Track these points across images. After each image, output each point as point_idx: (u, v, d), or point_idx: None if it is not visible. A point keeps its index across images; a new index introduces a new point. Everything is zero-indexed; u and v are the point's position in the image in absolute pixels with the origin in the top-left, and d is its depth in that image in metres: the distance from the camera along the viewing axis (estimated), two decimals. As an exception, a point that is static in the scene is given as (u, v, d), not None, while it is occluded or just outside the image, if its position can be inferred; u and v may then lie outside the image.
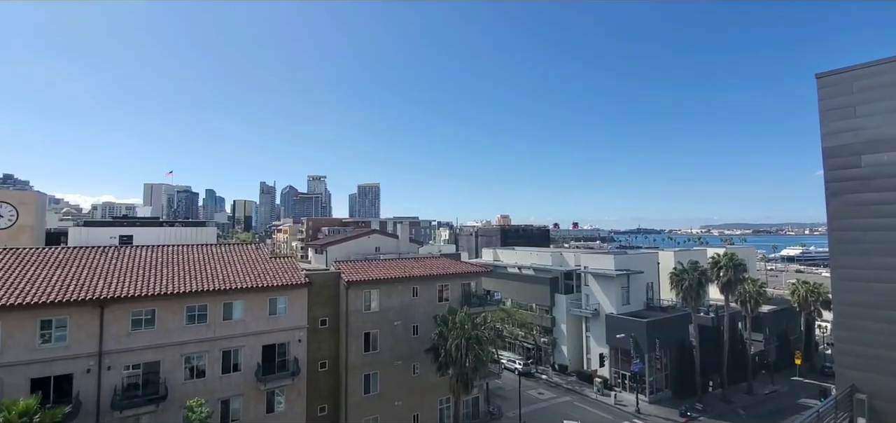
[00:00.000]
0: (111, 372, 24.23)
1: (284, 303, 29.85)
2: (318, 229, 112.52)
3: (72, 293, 23.86)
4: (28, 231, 39.15)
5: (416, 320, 35.53)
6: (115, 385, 24.18)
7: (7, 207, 38.97)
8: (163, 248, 31.85)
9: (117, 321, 24.68)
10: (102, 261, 28.06)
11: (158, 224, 74.44)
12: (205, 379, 26.60)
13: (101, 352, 24.06)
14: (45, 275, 25.19)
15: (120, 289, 25.17)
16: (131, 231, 52.33)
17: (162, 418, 24.98)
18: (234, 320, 27.94)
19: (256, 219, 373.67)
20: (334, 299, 33.01)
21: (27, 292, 23.26)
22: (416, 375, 35.15)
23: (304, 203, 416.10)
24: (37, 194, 47.14)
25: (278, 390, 29.07)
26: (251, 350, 28.31)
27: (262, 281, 29.22)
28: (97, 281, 25.48)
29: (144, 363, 25.33)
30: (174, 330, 26.05)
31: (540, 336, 58.27)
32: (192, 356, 26.55)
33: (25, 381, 22.17)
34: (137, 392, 24.80)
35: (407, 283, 35.31)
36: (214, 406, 25.72)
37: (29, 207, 40.50)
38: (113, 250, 30.42)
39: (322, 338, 32.14)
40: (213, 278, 28.35)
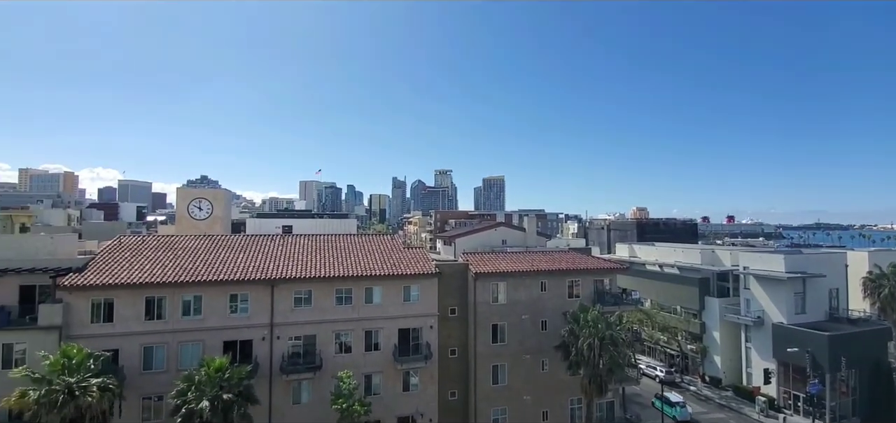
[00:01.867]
0: (279, 341, 28.72)
1: (417, 291, 31.81)
2: (446, 221, 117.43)
3: (251, 273, 28.82)
4: (219, 222, 48.54)
5: (545, 315, 34.74)
6: (282, 353, 28.62)
7: (206, 202, 48.87)
8: (316, 237, 36.50)
9: (284, 299, 29.09)
10: (271, 247, 33.26)
11: (311, 216, 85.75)
12: (351, 355, 29.87)
13: (272, 324, 28.67)
14: (232, 257, 30.86)
15: (286, 271, 29.59)
16: (291, 222, 61.24)
17: (318, 384, 28.83)
18: (374, 304, 30.78)
19: (389, 212, 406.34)
20: (463, 289, 34.05)
21: (221, 270, 28.79)
22: (545, 371, 34.44)
23: (432, 196, 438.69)
24: (225, 192, 57.98)
25: (412, 371, 31.22)
26: (389, 332, 30.86)
27: (398, 269, 31.54)
28: (268, 264, 30.32)
29: (304, 335, 29.44)
30: (327, 309, 29.74)
31: (686, 343, 52.21)
32: (341, 333, 30.02)
33: (219, 343, 27.50)
34: (299, 360, 28.95)
35: (535, 277, 34.70)
36: (360, 379, 28.66)
37: (220, 202, 50.18)
38: (279, 238, 35.89)
39: (452, 326, 33.45)
40: (357, 265, 31.55)
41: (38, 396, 20.52)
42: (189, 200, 48.58)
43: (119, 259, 28.82)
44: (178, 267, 28.44)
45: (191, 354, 26.82)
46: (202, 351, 26.66)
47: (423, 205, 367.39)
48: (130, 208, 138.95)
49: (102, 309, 26.10)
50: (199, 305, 27.65)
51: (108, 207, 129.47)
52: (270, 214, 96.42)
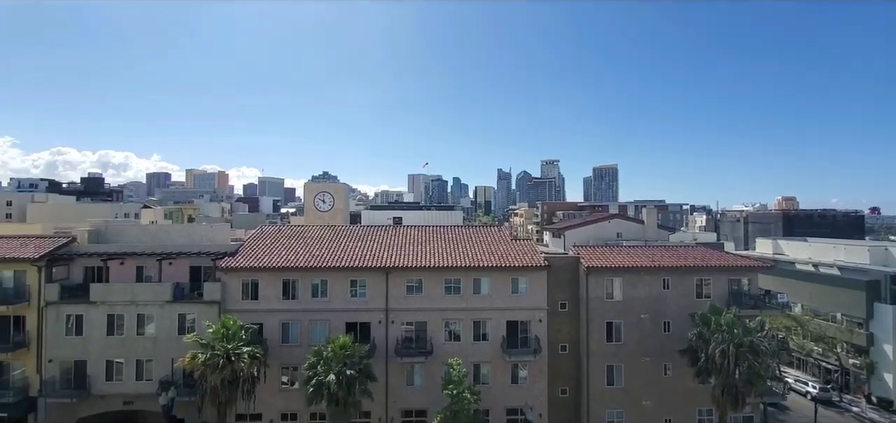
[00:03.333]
0: (394, 326, 30.66)
1: (525, 283, 31.43)
2: (553, 212, 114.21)
3: (368, 261, 31.16)
4: (340, 214, 53.33)
5: (668, 316, 31.86)
6: (397, 336, 30.52)
7: (328, 195, 54.06)
8: (425, 228, 38.09)
9: (397, 286, 30.94)
10: (385, 237, 35.52)
11: (419, 208, 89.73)
12: (460, 343, 30.69)
13: (387, 308, 30.71)
14: (351, 246, 33.66)
15: (398, 260, 31.42)
16: (401, 214, 64.87)
17: (429, 369, 30.23)
18: (481, 295, 31.17)
19: (494, 203, 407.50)
20: (573, 283, 32.78)
21: (342, 258, 31.61)
22: (667, 376, 31.68)
23: (538, 188, 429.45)
24: (344, 186, 63.35)
25: (521, 364, 31.03)
26: (496, 324, 31.03)
27: (505, 261, 31.48)
28: (383, 253, 32.46)
29: (416, 322, 31.02)
30: (436, 298, 30.93)
31: (848, 356, 43.89)
32: (450, 321, 31.01)
33: (342, 323, 30.25)
34: (412, 345, 30.61)
35: (655, 273, 31.97)
36: (469, 368, 29.32)
37: (340, 195, 55.07)
38: (391, 228, 38.19)
39: (562, 321, 32.44)
40: (465, 256, 32.21)
41: (204, 359, 24.71)
42: (314, 194, 54.08)
43: (261, 246, 33.26)
44: (307, 254, 31.91)
45: (319, 331, 29.97)
46: (328, 330, 29.64)
47: (529, 196, 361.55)
48: (268, 202, 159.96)
49: (250, 288, 30.41)
50: (325, 288, 30.74)
51: (251, 201, 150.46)
52: (382, 206, 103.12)
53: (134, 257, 30.93)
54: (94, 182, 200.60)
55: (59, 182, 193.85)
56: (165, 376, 28.71)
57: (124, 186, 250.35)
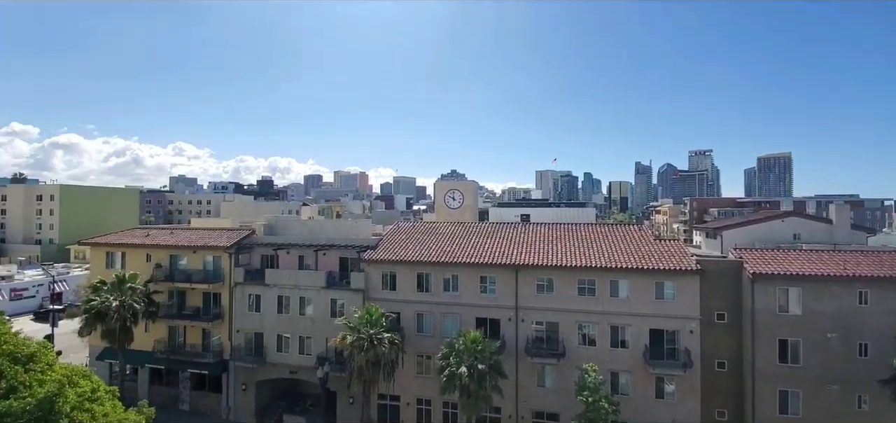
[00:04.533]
0: (524, 324, 30.50)
1: (672, 288, 28.51)
2: (705, 209, 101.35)
3: (497, 258, 31.50)
4: (469, 210, 54.98)
5: (865, 337, 25.91)
6: (527, 335, 30.32)
7: (458, 193, 56.14)
8: (556, 226, 37.03)
9: (527, 284, 30.71)
10: (514, 235, 35.48)
11: (547, 205, 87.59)
12: (595, 348, 29.19)
13: (516, 306, 30.69)
14: (481, 242, 34.40)
15: (528, 258, 31.15)
16: (528, 211, 64.05)
17: (561, 371, 29.40)
18: (619, 299, 29.17)
19: (631, 200, 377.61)
20: (734, 291, 28.65)
21: (472, 254, 32.51)
22: (862, 410, 25.84)
23: (685, 182, 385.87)
24: (472, 183, 65.11)
25: (668, 378, 28.26)
26: (637, 331, 28.75)
27: (647, 263, 28.96)
28: (512, 250, 32.49)
29: (547, 322, 30.40)
30: (569, 298, 29.88)
31: None
32: (584, 324, 29.68)
33: (473, 318, 31.09)
34: (542, 345, 30.10)
35: (848, 284, 26.22)
36: (605, 375, 27.72)
37: (469, 193, 56.80)
38: (520, 226, 38.00)
39: (718, 334, 28.64)
40: (600, 255, 30.50)
41: (352, 340, 27.70)
42: (445, 191, 56.59)
43: (398, 240, 36.00)
44: (439, 249, 33.57)
45: (451, 324, 31.32)
46: (459, 323, 30.78)
47: (674, 192, 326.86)
48: (402, 200, 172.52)
49: (389, 279, 33.16)
50: (455, 283, 31.99)
51: (387, 199, 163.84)
52: (509, 203, 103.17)
53: (296, 248, 36.11)
54: (266, 184, 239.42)
55: (241, 184, 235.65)
56: (321, 352, 32.96)
57: (287, 187, 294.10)
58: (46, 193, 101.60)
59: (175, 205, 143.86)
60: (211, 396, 36.48)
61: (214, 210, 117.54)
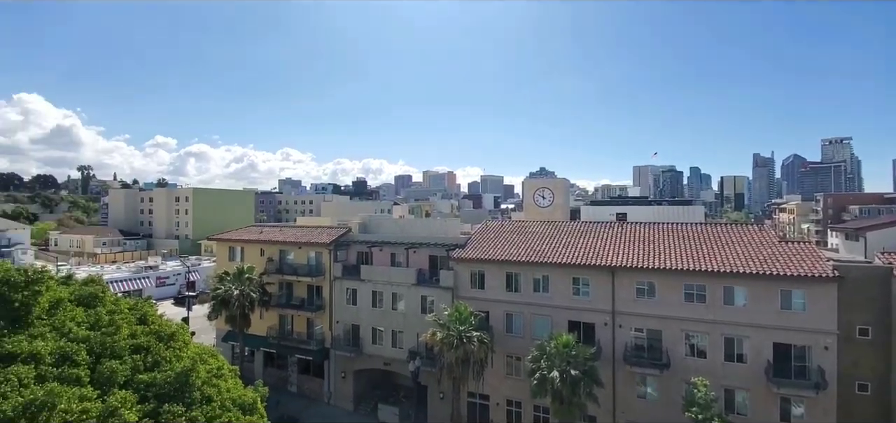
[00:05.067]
0: (622, 330, 28.75)
1: (802, 297, 24.94)
2: (842, 207, 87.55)
3: (591, 259, 30.05)
4: (559, 209, 53.21)
5: None
6: (625, 342, 28.54)
7: (548, 191, 54.61)
8: (656, 225, 34.35)
9: (624, 288, 28.89)
10: (609, 234, 33.58)
11: (647, 203, 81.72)
12: (706, 361, 26.56)
13: (613, 311, 29.02)
14: (573, 242, 33.09)
15: (625, 259, 29.29)
16: (625, 209, 60.23)
17: (664, 384, 27.23)
18: (735, 307, 26.22)
19: (748, 196, 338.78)
20: (881, 302, 24.25)
21: (564, 254, 31.40)
22: None
23: (817, 175, 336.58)
24: (563, 181, 62.93)
25: (795, 399, 24.79)
26: (758, 344, 25.61)
27: (770, 268, 25.64)
28: (607, 251, 30.78)
29: (648, 329, 28.35)
30: (673, 305, 27.55)
31: None
32: (692, 333, 27.16)
33: (565, 321, 30.03)
34: (643, 354, 28.13)
35: None
36: (718, 392, 25.10)
37: (560, 191, 55.00)
38: (616, 225, 35.87)
39: (860, 352, 24.45)
40: (710, 258, 27.68)
41: (441, 337, 28.28)
42: (534, 190, 55.44)
43: (486, 239, 36.00)
44: (528, 248, 32.93)
45: (541, 326, 30.58)
46: (550, 326, 29.93)
47: (803, 187, 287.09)
48: (489, 198, 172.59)
49: (477, 278, 33.31)
50: (546, 283, 31.15)
51: (475, 198, 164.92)
52: (603, 201, 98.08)
53: (389, 246, 37.81)
54: (360, 185, 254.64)
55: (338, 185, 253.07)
56: (413, 346, 34.15)
57: (379, 187, 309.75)
58: (182, 195, 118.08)
59: (283, 205, 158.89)
60: (315, 380, 39.64)
61: (316, 209, 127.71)
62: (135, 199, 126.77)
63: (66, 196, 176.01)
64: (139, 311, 17.62)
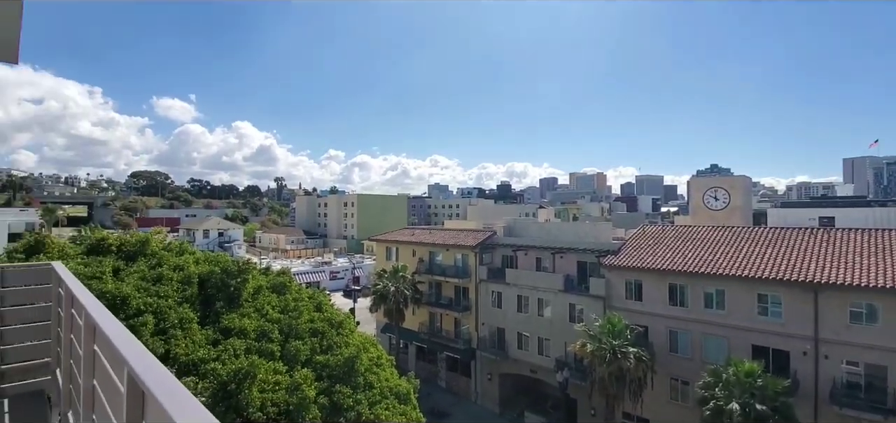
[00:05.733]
0: (828, 362, 23.32)
1: None
2: None
3: (784, 272, 25.02)
4: (738, 212, 45.72)
5: None
6: (833, 377, 23.09)
7: (722, 191, 47.43)
8: (881, 232, 27.06)
9: (832, 310, 23.39)
10: (810, 243, 27.61)
11: (865, 204, 65.38)
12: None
13: (816, 338, 23.71)
14: (757, 251, 28.05)
15: (834, 275, 23.70)
16: (832, 212, 49.02)
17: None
18: None
19: None
20: None
21: (744, 265, 26.81)
22: None
23: None
24: (743, 179, 54.04)
25: None
26: None
27: None
28: (808, 263, 25.29)
29: (865, 363, 22.52)
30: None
31: None
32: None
33: (747, 345, 25.61)
34: (859, 393, 22.41)
35: None
36: None
37: (738, 190, 47.26)
38: (821, 232, 29.31)
39: None
40: (975, 276, 20.68)
41: (592, 349, 26.64)
42: (704, 190, 48.79)
43: (643, 245, 32.82)
44: (697, 257, 28.99)
45: (715, 348, 26.63)
46: (727, 349, 25.85)
47: None
48: (646, 201, 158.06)
49: (633, 288, 30.57)
50: (721, 299, 27.03)
51: (629, 200, 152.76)
52: (800, 202, 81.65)
53: (534, 250, 37.19)
54: (504, 188, 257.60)
55: (483, 189, 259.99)
56: (560, 356, 32.94)
57: (524, 190, 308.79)
58: (349, 201, 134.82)
59: (432, 209, 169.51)
60: (462, 379, 41.12)
61: (462, 213, 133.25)
62: (314, 204, 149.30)
63: (267, 202, 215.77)
64: (316, 300, 20.42)
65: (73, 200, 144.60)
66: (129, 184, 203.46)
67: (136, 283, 14.41)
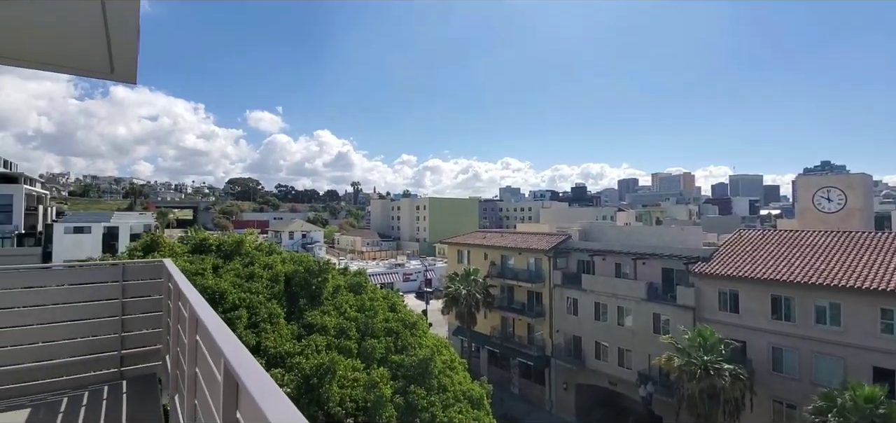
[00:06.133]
0: (980, 395, 19.69)
1: None
2: None
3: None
4: (856, 215, 40.19)
5: None
6: None
7: (836, 191, 41.98)
8: None
9: None
10: (954, 250, 23.55)
11: None
12: None
13: (963, 364, 20.13)
14: (881, 261, 24.47)
15: None
16: (983, 216, 41.48)
17: None
18: None
19: None
20: None
21: (865, 276, 23.49)
22: None
23: None
24: (862, 177, 47.51)
25: None
26: None
27: None
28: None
29: None
30: None
31: None
32: None
33: (866, 366, 22.45)
34: None
35: None
36: None
37: (856, 190, 41.54)
38: (968, 237, 24.89)
39: None
40: None
41: (680, 364, 24.75)
42: (814, 190, 43.58)
43: (740, 252, 29.95)
44: (806, 266, 25.90)
45: (827, 368, 23.61)
46: (843, 370, 22.80)
47: None
48: (742, 203, 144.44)
49: (728, 299, 27.99)
50: (836, 314, 23.91)
51: (721, 202, 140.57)
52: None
53: (613, 255, 35.44)
54: (579, 190, 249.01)
55: (556, 192, 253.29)
56: (643, 369, 31.03)
57: (600, 192, 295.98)
58: (421, 204, 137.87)
59: (504, 212, 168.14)
60: (536, 386, 40.19)
61: (534, 216, 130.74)
62: (387, 207, 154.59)
63: (344, 206, 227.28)
64: (390, 300, 21.03)
65: (181, 204, 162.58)
66: (226, 190, 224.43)
67: (232, 279, 15.76)
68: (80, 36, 3.93)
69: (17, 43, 4.27)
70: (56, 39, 4.17)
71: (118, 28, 3.86)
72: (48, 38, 4.08)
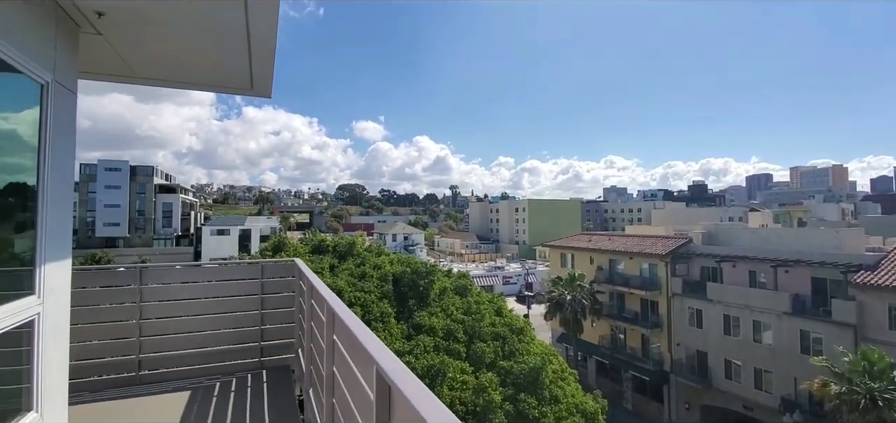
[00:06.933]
0: None
1: None
2: None
3: None
4: None
5: None
6: None
7: None
8: None
9: None
10: None
11: None
12: None
13: None
14: None
15: None
16: None
17: None
18: None
19: None
20: None
21: None
22: None
23: None
24: None
25: None
26: None
27: None
28: None
29: None
30: None
31: None
32: None
33: None
34: None
35: None
36: None
37: None
38: None
39: None
40: None
41: (838, 391, 21.05)
42: None
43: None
44: None
45: None
46: None
47: None
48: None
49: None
50: None
51: (885, 199, 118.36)
52: None
53: (746, 261, 31.39)
54: (698, 189, 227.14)
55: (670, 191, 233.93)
56: (787, 394, 27.01)
57: (724, 190, 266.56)
58: (520, 206, 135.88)
59: (609, 213, 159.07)
60: (653, 404, 37.11)
61: (645, 217, 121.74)
62: (486, 210, 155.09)
63: (443, 209, 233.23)
64: (495, 304, 20.84)
65: (300, 209, 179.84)
66: (336, 195, 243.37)
67: (347, 278, 16.79)
68: (229, 59, 4.36)
69: (185, 70, 4.87)
70: (212, 65, 4.68)
71: (259, 48, 4.18)
72: (205, 63, 4.60)
